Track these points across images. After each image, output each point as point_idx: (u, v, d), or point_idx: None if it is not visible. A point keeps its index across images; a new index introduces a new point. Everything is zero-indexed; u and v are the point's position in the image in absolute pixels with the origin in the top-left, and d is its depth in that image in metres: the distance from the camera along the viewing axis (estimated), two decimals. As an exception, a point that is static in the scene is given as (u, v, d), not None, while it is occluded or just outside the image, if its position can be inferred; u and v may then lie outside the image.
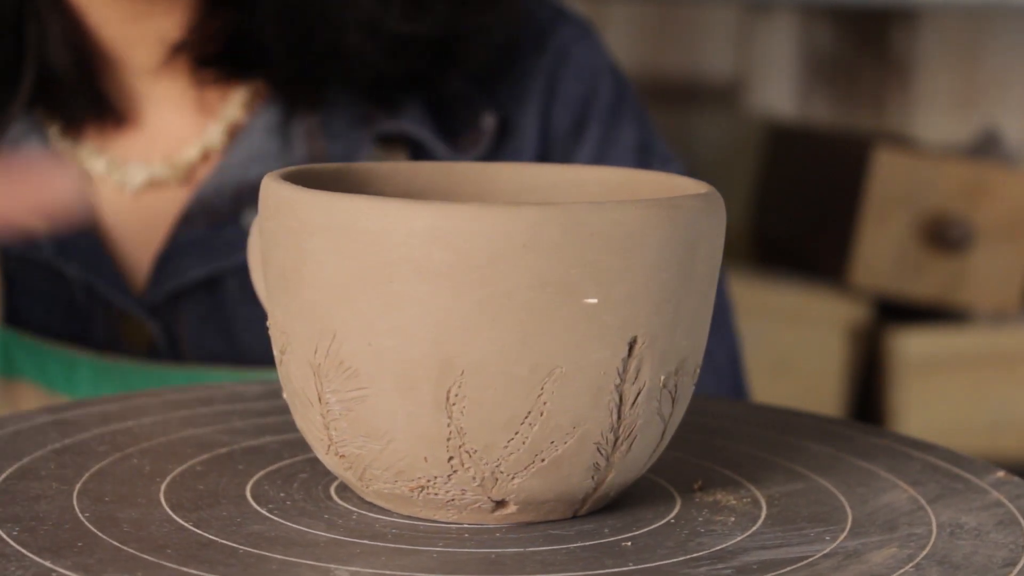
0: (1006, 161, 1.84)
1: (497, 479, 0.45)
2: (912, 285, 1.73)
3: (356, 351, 0.44)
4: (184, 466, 0.50)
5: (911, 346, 1.70)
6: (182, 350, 0.77)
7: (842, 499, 0.50)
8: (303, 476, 0.50)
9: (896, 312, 1.76)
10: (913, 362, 1.70)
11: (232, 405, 0.58)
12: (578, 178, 0.54)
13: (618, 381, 0.45)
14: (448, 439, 0.44)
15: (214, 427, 0.55)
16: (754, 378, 1.66)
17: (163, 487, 0.48)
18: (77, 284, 0.77)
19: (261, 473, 0.50)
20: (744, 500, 0.49)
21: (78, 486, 0.48)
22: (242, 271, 0.56)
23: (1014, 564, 0.43)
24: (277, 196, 0.46)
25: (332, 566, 0.42)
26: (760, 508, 0.48)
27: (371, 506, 0.48)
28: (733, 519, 0.47)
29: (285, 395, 0.49)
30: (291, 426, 0.55)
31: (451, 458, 0.45)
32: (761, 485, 0.51)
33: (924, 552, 0.44)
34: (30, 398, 0.75)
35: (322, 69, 0.78)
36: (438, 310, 0.43)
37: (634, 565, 0.43)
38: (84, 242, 0.77)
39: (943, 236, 1.71)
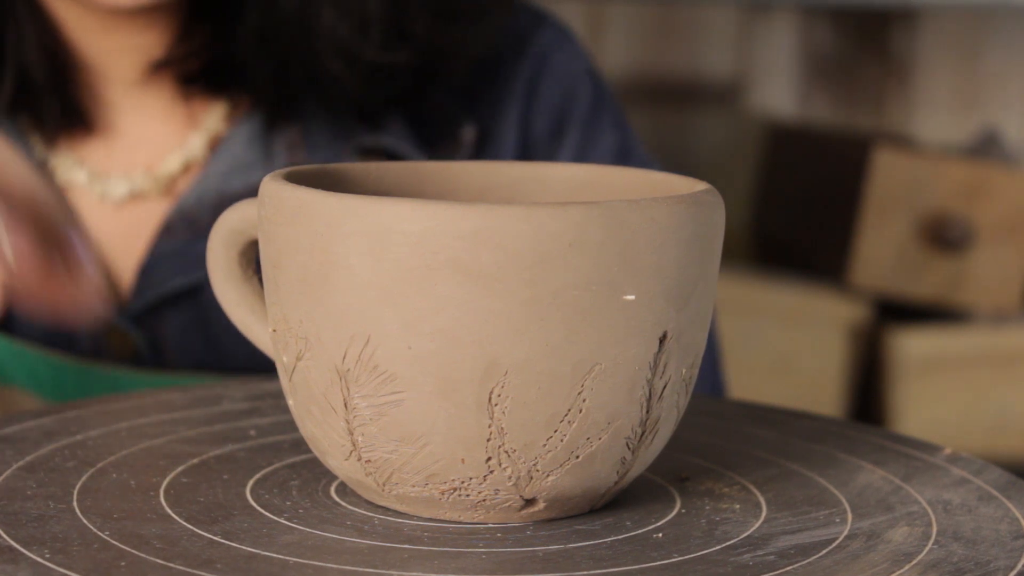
0: (1006, 161, 1.84)
1: (532, 477, 0.45)
2: (912, 285, 1.73)
3: (393, 355, 0.44)
4: (168, 478, 0.50)
5: (911, 346, 1.70)
6: (166, 358, 0.77)
7: (823, 481, 0.51)
8: (295, 483, 0.50)
9: (896, 312, 1.76)
10: (913, 362, 1.69)
11: (170, 414, 0.57)
12: (542, 175, 0.54)
13: (649, 376, 0.45)
14: (488, 440, 0.44)
15: (167, 438, 0.54)
16: (754, 378, 1.66)
17: (163, 501, 0.47)
18: None
19: (251, 481, 0.50)
20: (734, 487, 0.50)
21: (75, 504, 0.47)
22: None
23: (1022, 536, 0.45)
24: (296, 200, 0.45)
25: (393, 572, 0.42)
26: (754, 494, 0.49)
27: (384, 510, 0.47)
28: (738, 506, 0.48)
29: (291, 402, 0.48)
30: (241, 433, 0.55)
31: (489, 459, 0.45)
32: (739, 472, 0.52)
33: (935, 529, 0.46)
34: (23, 405, 0.74)
35: (302, 93, 0.78)
36: (484, 311, 0.43)
37: (679, 556, 0.44)
38: None
39: (943, 236, 1.71)
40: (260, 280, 0.52)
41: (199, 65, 0.78)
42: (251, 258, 0.53)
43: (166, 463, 0.51)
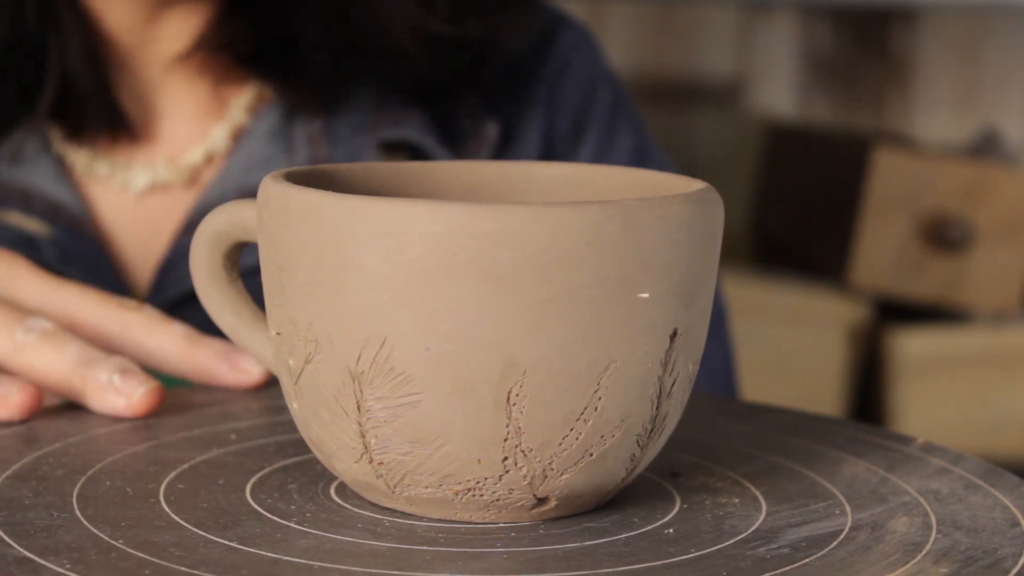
0: (1006, 161, 1.84)
1: (547, 476, 0.45)
2: (912, 285, 1.74)
3: (410, 356, 0.44)
4: (164, 484, 0.49)
5: (911, 346, 1.70)
6: None
7: (811, 474, 0.51)
8: (293, 486, 0.50)
9: (896, 312, 1.76)
10: (913, 362, 1.70)
11: (143, 419, 0.57)
12: (525, 174, 0.55)
13: (660, 373, 0.46)
14: (505, 440, 0.44)
15: (148, 443, 0.54)
16: (754, 378, 1.66)
17: (166, 507, 0.47)
18: None
19: (248, 485, 0.50)
20: (726, 481, 0.50)
21: (79, 513, 0.46)
22: (245, 277, 0.55)
23: (1018, 524, 0.46)
24: (304, 201, 0.45)
25: (420, 574, 0.42)
26: (749, 488, 0.50)
27: (391, 511, 0.47)
28: (737, 500, 0.48)
29: (294, 405, 0.48)
30: (222, 437, 0.54)
31: (506, 458, 0.45)
32: (727, 467, 0.52)
33: (934, 519, 0.46)
34: None
35: (366, 72, 0.78)
36: (501, 311, 0.43)
37: (696, 551, 0.44)
38: (86, 248, 0.77)
39: (943, 236, 1.72)
40: (244, 283, 0.52)
41: (246, 49, 0.78)
42: (235, 261, 0.53)
43: (156, 469, 0.51)
